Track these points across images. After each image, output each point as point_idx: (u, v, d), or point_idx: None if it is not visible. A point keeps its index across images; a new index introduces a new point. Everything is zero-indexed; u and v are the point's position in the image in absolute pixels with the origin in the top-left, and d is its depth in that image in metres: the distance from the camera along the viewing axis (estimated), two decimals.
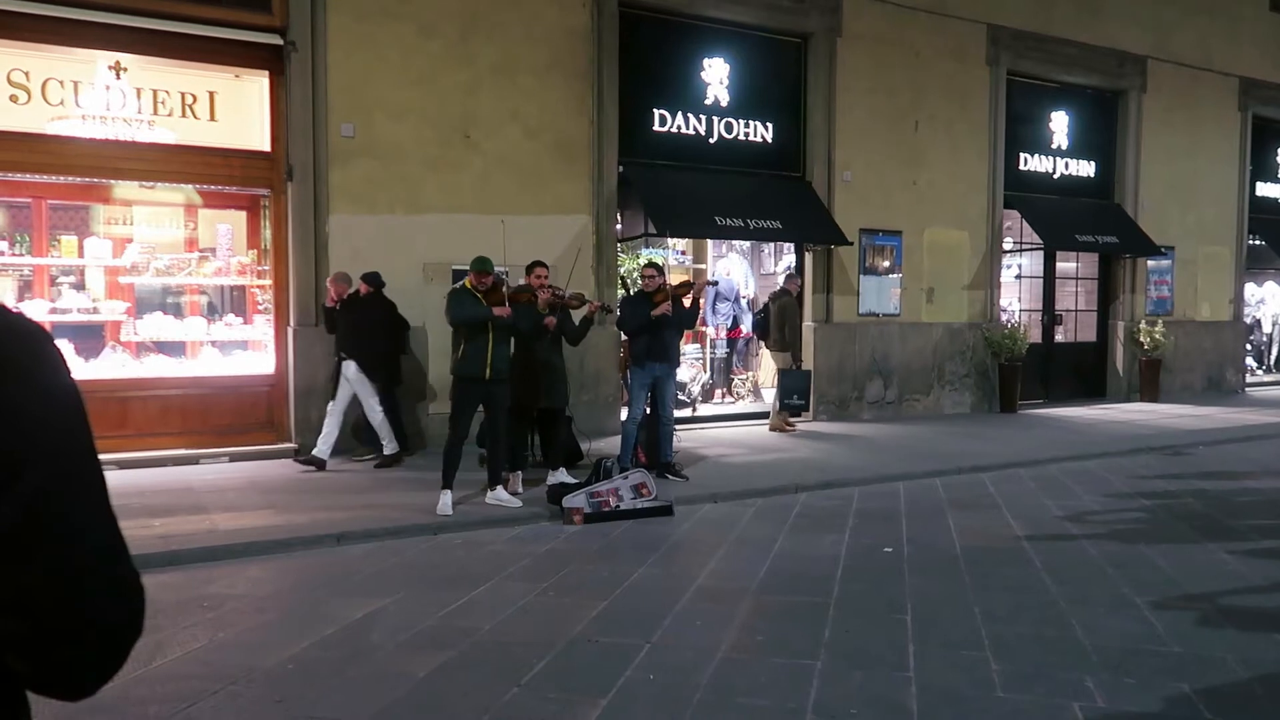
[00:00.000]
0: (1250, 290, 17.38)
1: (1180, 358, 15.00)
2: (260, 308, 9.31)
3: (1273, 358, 18.49)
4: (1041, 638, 4.36)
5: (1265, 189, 16.55)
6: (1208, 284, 15.62)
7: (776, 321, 10.59)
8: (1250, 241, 16.20)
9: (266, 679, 3.90)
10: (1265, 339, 18.50)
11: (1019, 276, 14.75)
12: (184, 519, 6.39)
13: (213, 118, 8.79)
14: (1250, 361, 17.43)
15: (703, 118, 11.04)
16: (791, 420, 10.97)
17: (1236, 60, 15.41)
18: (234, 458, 8.56)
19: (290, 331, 8.94)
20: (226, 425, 8.79)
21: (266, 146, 8.91)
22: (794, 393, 10.51)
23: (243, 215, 9.45)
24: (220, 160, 8.73)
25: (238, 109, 8.92)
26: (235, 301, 9.56)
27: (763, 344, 11.37)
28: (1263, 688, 3.80)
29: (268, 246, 9.17)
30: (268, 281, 9.14)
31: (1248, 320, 17.19)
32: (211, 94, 8.78)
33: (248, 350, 9.28)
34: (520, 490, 7.31)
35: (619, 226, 10.76)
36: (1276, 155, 16.72)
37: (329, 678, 3.93)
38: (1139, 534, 6.45)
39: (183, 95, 8.67)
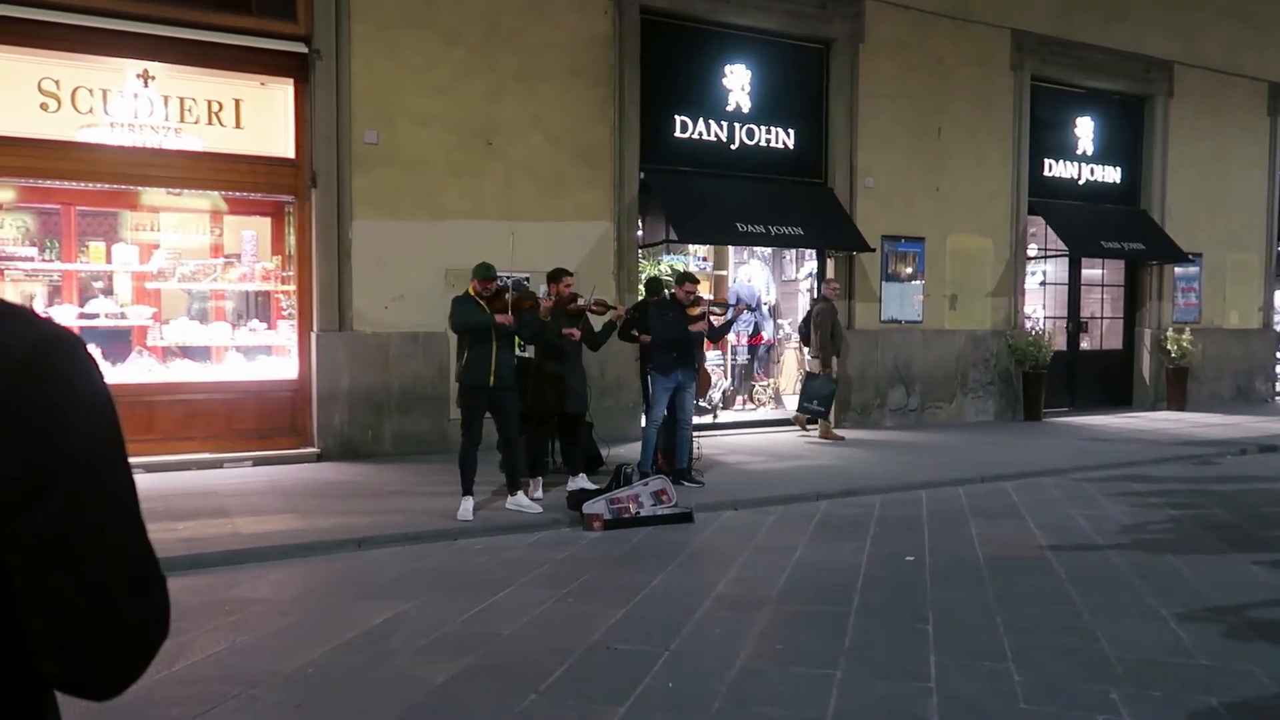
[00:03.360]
0: None
1: (1208, 366, 14.80)
2: (284, 313, 9.39)
3: None
4: (1065, 649, 4.31)
5: None
6: (1236, 291, 15.41)
7: (815, 328, 10.63)
8: None
9: (287, 683, 3.92)
10: None
11: (1043, 283, 14.63)
12: (207, 522, 6.45)
13: (238, 125, 8.89)
14: None
15: (724, 124, 11.04)
16: (809, 426, 11.00)
17: (1266, 65, 15.22)
18: (257, 462, 8.63)
19: (314, 337, 9.01)
20: (250, 429, 8.87)
21: (291, 153, 9.00)
22: (814, 397, 10.49)
23: (267, 221, 9.54)
24: (245, 167, 8.83)
25: (263, 116, 9.01)
26: (259, 307, 9.65)
27: (805, 351, 11.30)
28: None
29: (291, 252, 9.24)
30: (291, 287, 9.22)
31: (1278, 328, 16.92)
32: (237, 101, 8.88)
33: (271, 355, 9.36)
34: (541, 496, 7.32)
35: (640, 233, 10.77)
36: None
37: (349, 682, 3.94)
38: (1165, 544, 6.36)
39: (209, 103, 8.78)
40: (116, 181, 8.53)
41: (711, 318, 8.25)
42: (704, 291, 12.60)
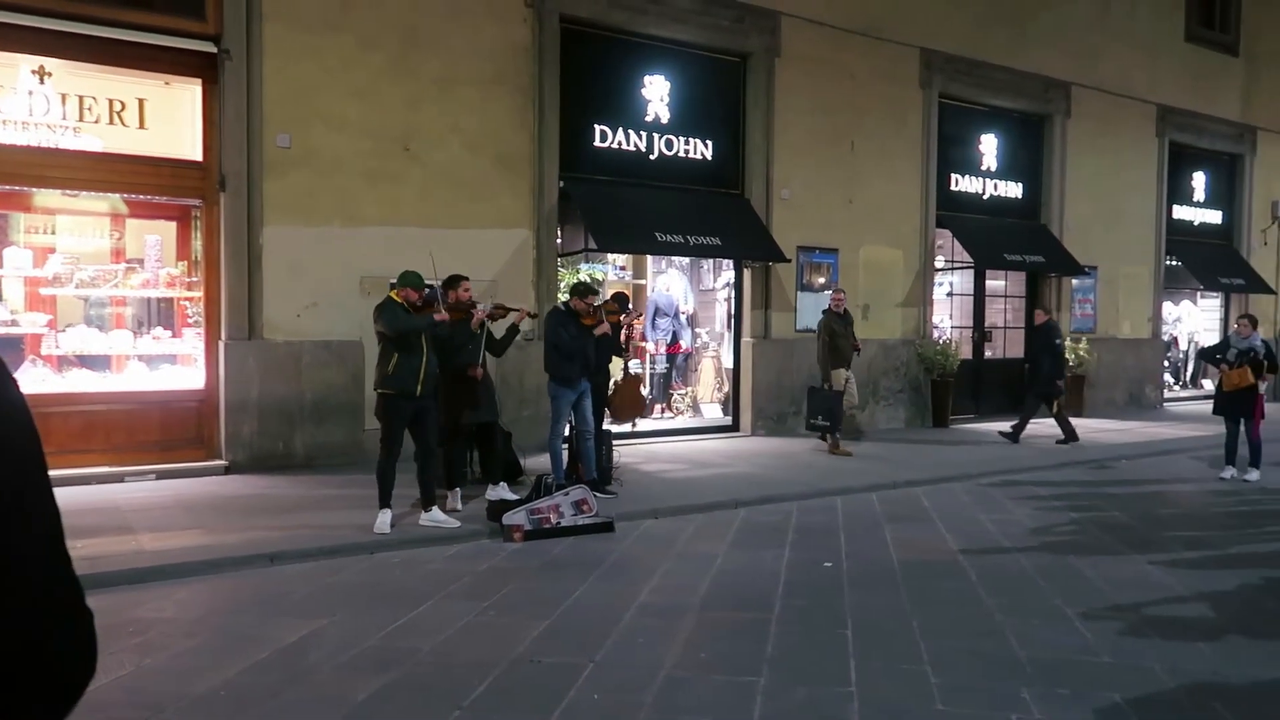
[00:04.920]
0: (1167, 309, 18.04)
1: (1103, 374, 15.49)
2: (190, 321, 9.06)
3: (1188, 374, 19.21)
4: (978, 650, 4.45)
5: (1181, 212, 17.24)
6: (1129, 303, 16.18)
7: (819, 339, 10.67)
8: (1167, 262, 16.84)
9: (197, 706, 3.78)
10: (1181, 356, 19.20)
11: (950, 294, 15.09)
12: (109, 539, 6.16)
13: (142, 125, 8.55)
14: (1168, 378, 18.08)
15: (643, 134, 11.10)
16: (830, 441, 10.59)
17: (1154, 88, 16.05)
18: (161, 475, 8.29)
19: (221, 345, 8.72)
20: (154, 442, 8.52)
21: (199, 156, 8.70)
22: (818, 413, 10.46)
23: (172, 226, 9.19)
24: (149, 169, 8.49)
25: (168, 117, 8.69)
26: (164, 314, 9.29)
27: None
28: (1188, 696, 3.93)
29: (198, 258, 8.93)
30: (198, 294, 8.90)
31: (1165, 338, 17.83)
32: (141, 101, 8.55)
33: (177, 364, 9.01)
34: (460, 507, 7.22)
35: (559, 241, 10.74)
36: (1191, 179, 17.43)
37: (264, 702, 3.82)
38: (1068, 546, 6.63)
39: (110, 102, 8.43)
40: (9, 182, 8.10)
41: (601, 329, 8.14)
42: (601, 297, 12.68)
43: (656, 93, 11.18)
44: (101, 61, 8.26)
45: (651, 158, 11.17)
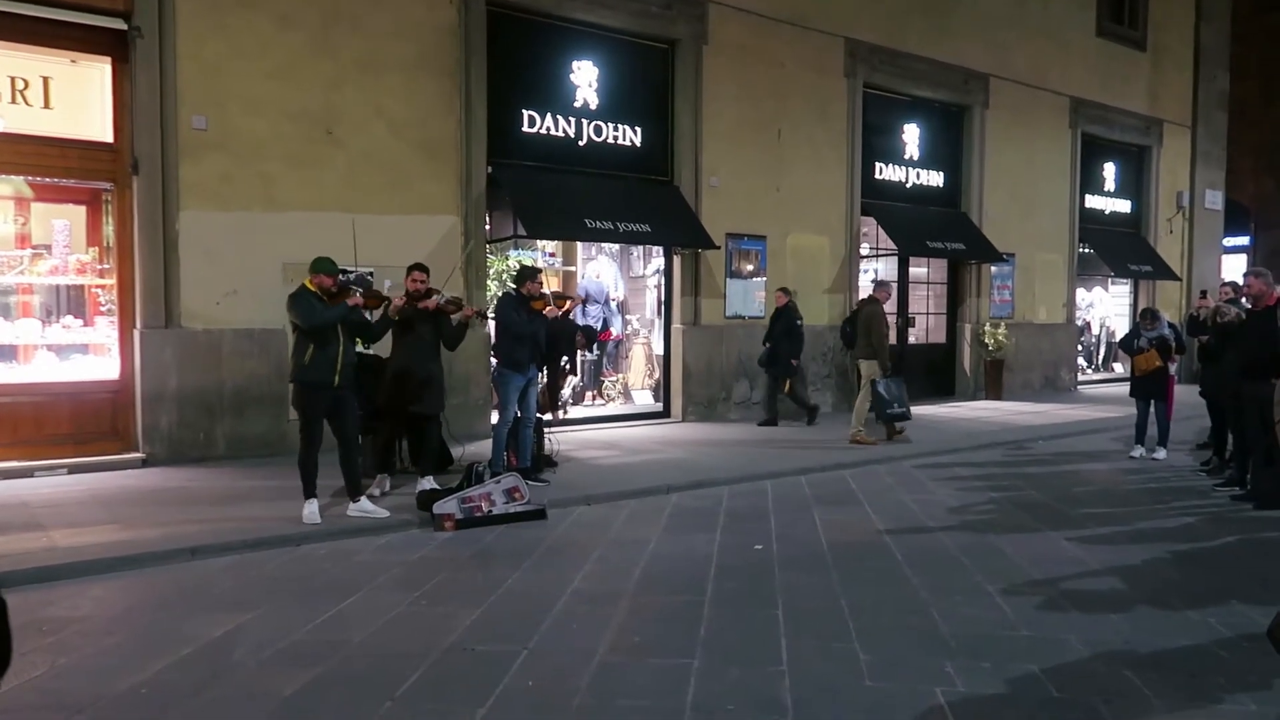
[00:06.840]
0: (1080, 295, 18.67)
1: (1021, 358, 15.98)
2: (103, 309, 8.73)
3: (1100, 358, 19.94)
4: (904, 627, 4.56)
5: (1093, 201, 17.83)
6: (1044, 289, 16.71)
7: (863, 329, 10.57)
8: (1080, 249, 17.42)
9: (116, 705, 3.66)
10: (1094, 340, 19.92)
11: (875, 280, 15.35)
12: (18, 536, 5.92)
13: (47, 105, 8.19)
14: (1081, 361, 18.74)
15: (572, 120, 11.03)
16: (900, 428, 10.68)
17: (1068, 81, 16.56)
18: (74, 469, 7.99)
19: (136, 334, 8.43)
20: (65, 434, 8.20)
21: (109, 137, 8.37)
22: (894, 401, 10.42)
23: (82, 210, 8.83)
24: (55, 151, 8.14)
25: (75, 96, 8.34)
26: (74, 302, 8.93)
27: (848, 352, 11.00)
28: (1102, 664, 4.09)
29: (110, 244, 8.60)
30: (111, 281, 8.58)
31: (1079, 323, 18.47)
32: (45, 79, 8.18)
33: (89, 354, 8.69)
34: (386, 490, 7.13)
35: (488, 227, 10.63)
36: (1102, 170, 18.03)
37: (187, 700, 3.72)
38: (989, 525, 6.83)
39: (12, 80, 8.04)
40: None
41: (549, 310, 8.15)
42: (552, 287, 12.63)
43: (585, 79, 11.12)
44: (1, 37, 7.87)
45: (581, 144, 11.11)
